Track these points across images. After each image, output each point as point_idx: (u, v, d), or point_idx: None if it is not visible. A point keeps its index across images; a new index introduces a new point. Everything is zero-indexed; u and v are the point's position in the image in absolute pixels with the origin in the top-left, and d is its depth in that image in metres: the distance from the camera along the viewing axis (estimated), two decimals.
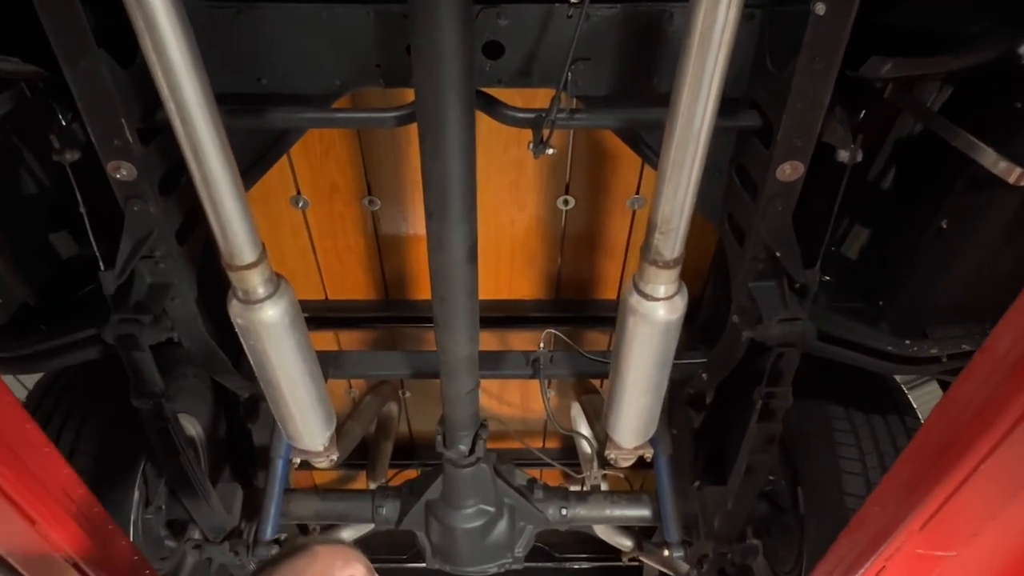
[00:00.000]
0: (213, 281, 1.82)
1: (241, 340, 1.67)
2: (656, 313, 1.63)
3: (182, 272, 1.72)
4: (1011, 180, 1.42)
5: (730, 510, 2.14)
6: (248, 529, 2.34)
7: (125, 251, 1.59)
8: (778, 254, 1.64)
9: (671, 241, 1.46)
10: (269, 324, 1.62)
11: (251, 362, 1.74)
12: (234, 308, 1.59)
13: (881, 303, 1.88)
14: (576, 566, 3.54)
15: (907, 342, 1.78)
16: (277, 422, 1.98)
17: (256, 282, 1.54)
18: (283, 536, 2.70)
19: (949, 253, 1.66)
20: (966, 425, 1.05)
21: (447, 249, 1.49)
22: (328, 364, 2.29)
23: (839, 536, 1.47)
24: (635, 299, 1.63)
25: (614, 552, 2.99)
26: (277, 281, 1.61)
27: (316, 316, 2.37)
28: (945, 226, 1.63)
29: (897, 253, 1.80)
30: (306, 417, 1.91)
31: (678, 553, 2.32)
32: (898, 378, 2.27)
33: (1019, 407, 0.93)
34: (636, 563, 3.21)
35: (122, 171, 1.49)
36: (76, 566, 1.34)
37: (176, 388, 2.24)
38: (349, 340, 2.55)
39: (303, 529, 2.68)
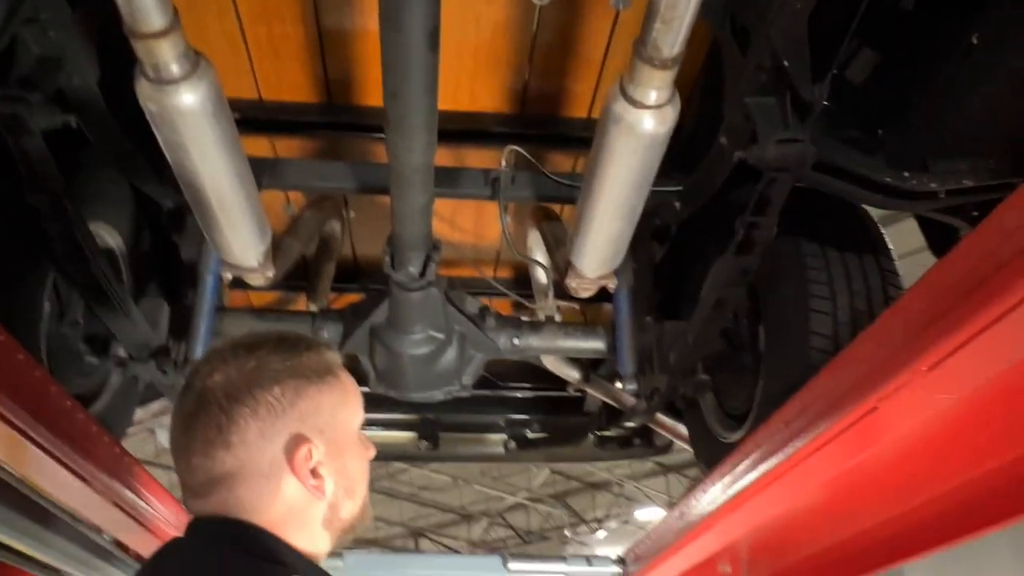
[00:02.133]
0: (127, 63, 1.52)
1: (156, 134, 1.41)
2: (643, 123, 1.43)
3: (76, 43, 1.42)
4: None
5: (690, 345, 2.06)
6: (177, 348, 2.17)
7: None
8: (786, 63, 1.43)
9: (674, 33, 1.24)
10: (187, 112, 1.36)
11: (169, 161, 1.49)
12: (143, 89, 1.32)
13: (881, 131, 1.71)
14: (518, 395, 3.53)
15: (906, 174, 1.63)
16: (204, 234, 1.75)
17: (167, 56, 1.27)
18: None
19: (974, 73, 1.48)
20: (1005, 261, 0.91)
21: (403, 29, 1.23)
22: (263, 171, 2.04)
23: (821, 373, 1.37)
24: (621, 105, 1.42)
25: (557, 381, 2.96)
26: (196, 59, 1.33)
27: (247, 118, 2.08)
28: (976, 41, 1.43)
29: (909, 76, 1.61)
30: (236, 227, 1.69)
31: (631, 386, 2.26)
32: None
33: None
34: (579, 393, 3.22)
35: None
36: None
37: (89, 192, 1.97)
38: (286, 148, 2.28)
39: None
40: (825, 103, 1.69)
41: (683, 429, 2.79)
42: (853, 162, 1.63)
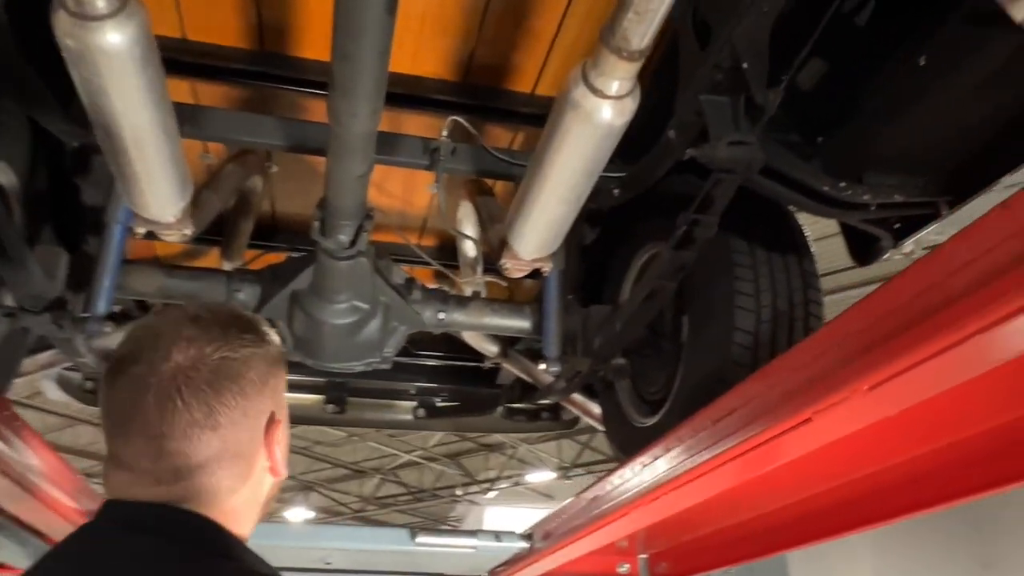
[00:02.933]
0: None
1: (71, 71, 1.27)
2: (601, 112, 1.40)
3: None
4: (1018, 18, 1.26)
5: (618, 332, 2.07)
6: (75, 300, 2.01)
7: None
8: (745, 64, 1.43)
9: (645, 25, 1.21)
10: (112, 53, 1.23)
11: (84, 102, 1.35)
12: (61, 23, 1.18)
13: (820, 139, 1.75)
14: (431, 363, 3.49)
15: (842, 184, 1.68)
16: (117, 183, 1.61)
17: None
18: (117, 309, 2.39)
19: (917, 94, 1.52)
20: (954, 297, 0.93)
21: None
22: (183, 119, 1.88)
23: (754, 376, 1.40)
24: (580, 92, 1.38)
25: (472, 352, 2.94)
26: None
27: (169, 58, 1.91)
28: (923, 62, 1.47)
29: (855, 88, 1.64)
30: (156, 181, 1.56)
31: (555, 368, 2.26)
32: None
33: None
34: (495, 365, 3.21)
35: None
36: None
37: None
38: (209, 94, 2.12)
39: (143, 307, 2.37)
40: None
41: (596, 408, 2.83)
42: (795, 169, 1.66)
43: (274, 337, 1.04)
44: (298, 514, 15.77)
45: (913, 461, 1.47)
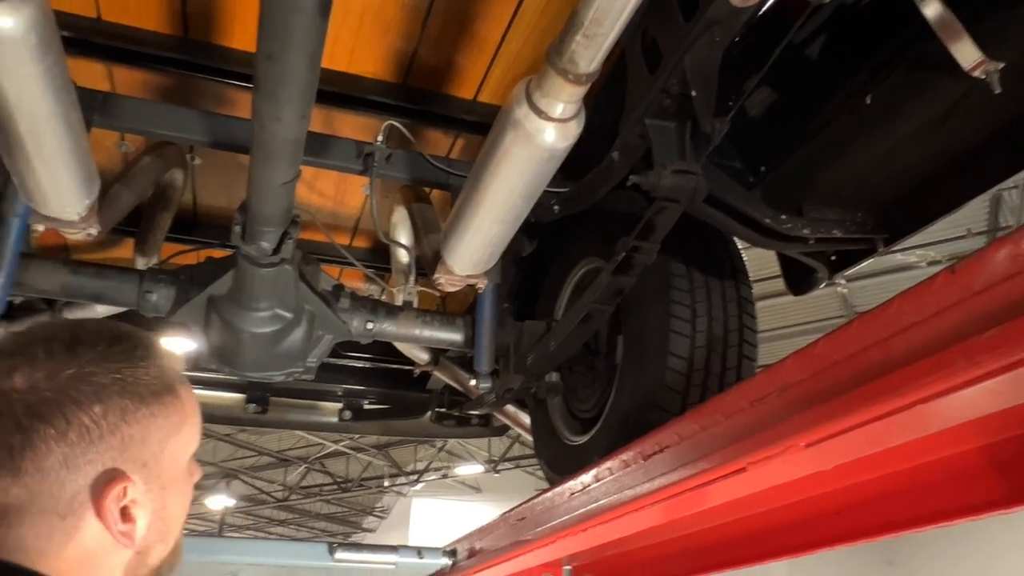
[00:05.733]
0: None
1: None
2: (543, 135, 1.34)
3: None
4: (967, 66, 1.25)
5: (552, 351, 2.02)
6: None
7: None
8: (694, 92, 1.38)
9: (594, 50, 1.15)
10: (4, 39, 1.10)
11: None
12: None
13: (763, 168, 1.73)
14: (359, 364, 3.38)
15: (783, 217, 1.66)
16: (14, 179, 1.46)
17: None
18: (18, 300, 2.21)
19: (861, 131, 1.51)
20: (898, 362, 0.90)
21: None
22: (94, 106, 1.74)
23: (687, 415, 1.36)
24: (523, 111, 1.32)
25: (402, 356, 2.86)
26: None
27: (80, 39, 1.77)
28: (869, 101, 1.46)
29: (800, 120, 1.62)
30: (57, 178, 1.42)
31: (485, 384, 2.20)
32: None
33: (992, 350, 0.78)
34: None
35: None
36: None
37: None
38: (126, 80, 1.96)
39: (48, 304, 2.20)
40: None
41: (526, 419, 2.78)
42: (738, 199, 1.64)
43: (159, 368, 0.83)
44: (219, 501, 15.36)
45: (843, 491, 1.46)
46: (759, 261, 3.47)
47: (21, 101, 1.22)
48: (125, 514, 0.79)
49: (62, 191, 1.49)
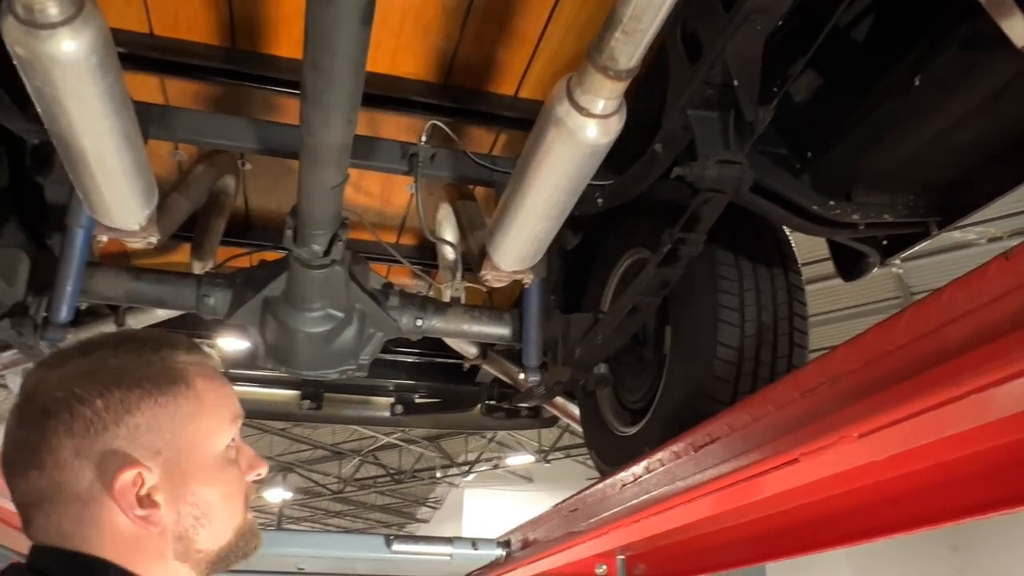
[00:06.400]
0: None
1: (24, 80, 1.19)
2: (585, 131, 1.34)
3: None
4: (1019, 43, 1.21)
5: (600, 343, 2.02)
6: (37, 304, 1.93)
7: None
8: (736, 82, 1.37)
9: (633, 46, 1.15)
10: (66, 62, 1.15)
11: (39, 111, 1.27)
12: (10, 30, 1.10)
13: (810, 154, 1.70)
14: (409, 360, 3.43)
15: (831, 203, 1.64)
16: (78, 192, 1.53)
17: None
18: (83, 306, 2.31)
19: (911, 113, 1.48)
20: (952, 351, 0.89)
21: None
22: (150, 120, 1.81)
23: (737, 406, 1.36)
24: (564, 109, 1.33)
25: (451, 350, 2.89)
26: (80, 1, 1.12)
27: (135, 54, 1.83)
28: (918, 83, 1.43)
29: (848, 103, 1.59)
30: (118, 191, 1.49)
31: (534, 378, 2.22)
32: None
33: None
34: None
35: None
36: None
37: None
38: (179, 91, 2.03)
39: (112, 309, 2.28)
40: None
41: (575, 410, 2.80)
42: (784, 186, 1.62)
43: (166, 360, 0.88)
44: (276, 494, 15.74)
45: (900, 479, 1.44)
46: (810, 243, 3.42)
47: (84, 120, 1.28)
48: (146, 499, 0.83)
49: (123, 203, 1.55)
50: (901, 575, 7.77)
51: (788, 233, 2.12)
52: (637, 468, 1.71)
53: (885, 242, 1.84)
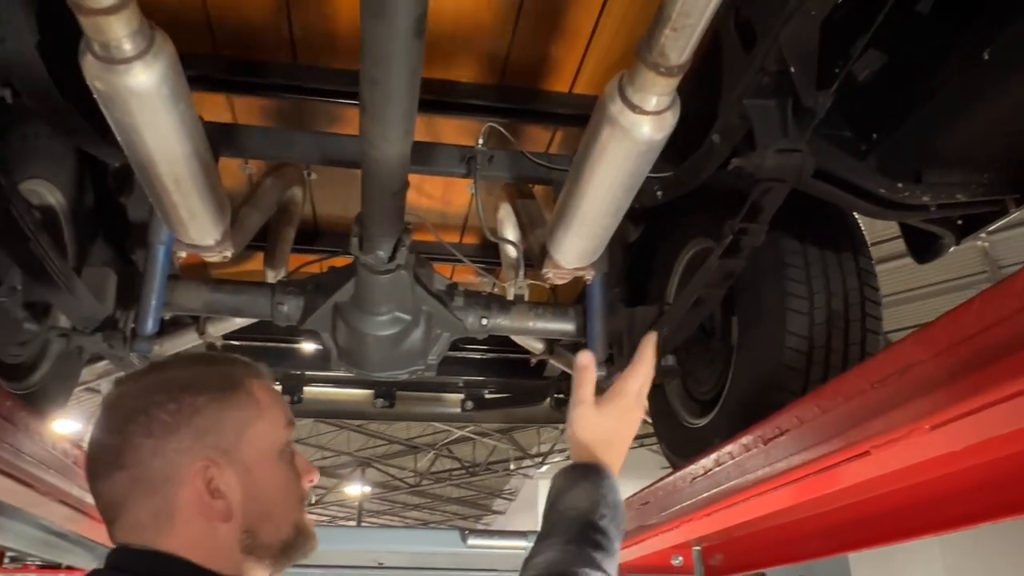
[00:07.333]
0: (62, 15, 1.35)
1: (104, 113, 1.26)
2: (640, 129, 1.34)
3: (12, 4, 1.25)
4: None
5: (665, 336, 2.02)
6: (125, 318, 2.04)
7: None
8: (792, 68, 1.35)
9: (683, 41, 1.14)
10: (141, 93, 1.22)
11: (118, 139, 1.35)
12: (89, 67, 1.17)
13: (875, 136, 1.65)
14: (478, 356, 3.48)
15: (900, 185, 1.58)
16: (158, 212, 1.61)
17: (120, 34, 1.12)
18: (167, 317, 2.43)
19: (981, 89, 1.42)
20: None
21: (387, 15, 1.11)
22: (220, 140, 1.89)
23: (806, 397, 1.34)
24: (617, 107, 1.33)
25: (518, 345, 2.91)
26: (151, 35, 1.18)
27: (202, 75, 1.91)
28: (987, 57, 1.37)
29: (914, 81, 1.54)
30: (194, 210, 1.56)
31: (601, 372, 2.22)
32: None
33: None
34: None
35: None
36: None
37: (27, 150, 1.81)
38: (246, 108, 2.12)
39: (194, 319, 2.40)
40: None
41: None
42: (849, 171, 1.58)
43: (226, 369, 0.99)
44: (356, 489, 16.17)
45: (987, 465, 1.39)
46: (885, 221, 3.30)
47: (159, 146, 1.35)
48: (215, 492, 0.91)
49: (199, 221, 1.63)
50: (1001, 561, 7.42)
51: (858, 216, 2.06)
52: (707, 461, 1.71)
53: (960, 222, 1.77)
